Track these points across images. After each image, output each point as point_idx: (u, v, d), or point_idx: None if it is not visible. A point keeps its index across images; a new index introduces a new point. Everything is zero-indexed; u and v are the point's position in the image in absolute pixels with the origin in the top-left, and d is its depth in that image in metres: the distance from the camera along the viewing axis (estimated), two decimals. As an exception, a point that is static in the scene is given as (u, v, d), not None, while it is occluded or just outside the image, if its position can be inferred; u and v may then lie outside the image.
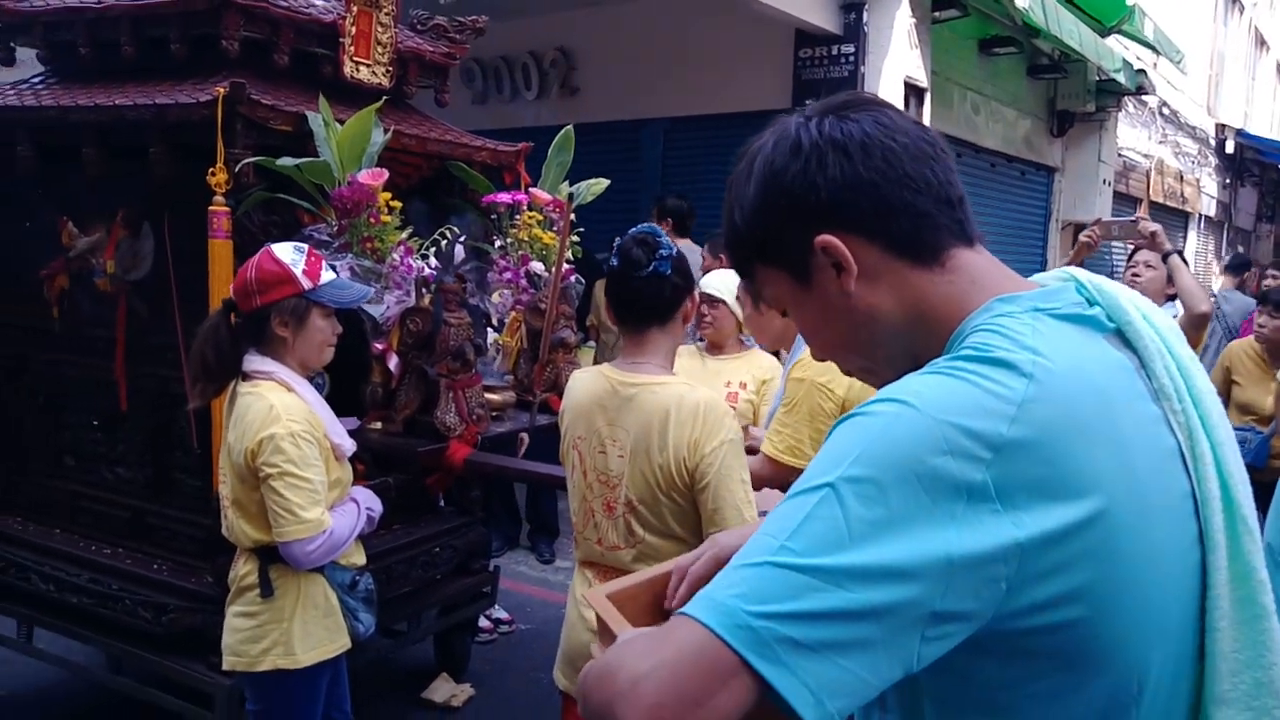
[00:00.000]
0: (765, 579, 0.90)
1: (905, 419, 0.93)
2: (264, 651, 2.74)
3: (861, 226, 1.09)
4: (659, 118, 9.26)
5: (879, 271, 1.10)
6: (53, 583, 3.60)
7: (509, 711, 4.30)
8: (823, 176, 1.09)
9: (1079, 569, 0.93)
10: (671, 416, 2.37)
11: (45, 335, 3.80)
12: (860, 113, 1.12)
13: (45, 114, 3.41)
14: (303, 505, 2.62)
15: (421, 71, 4.01)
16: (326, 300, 2.74)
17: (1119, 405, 1.00)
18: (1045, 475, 0.92)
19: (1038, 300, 1.06)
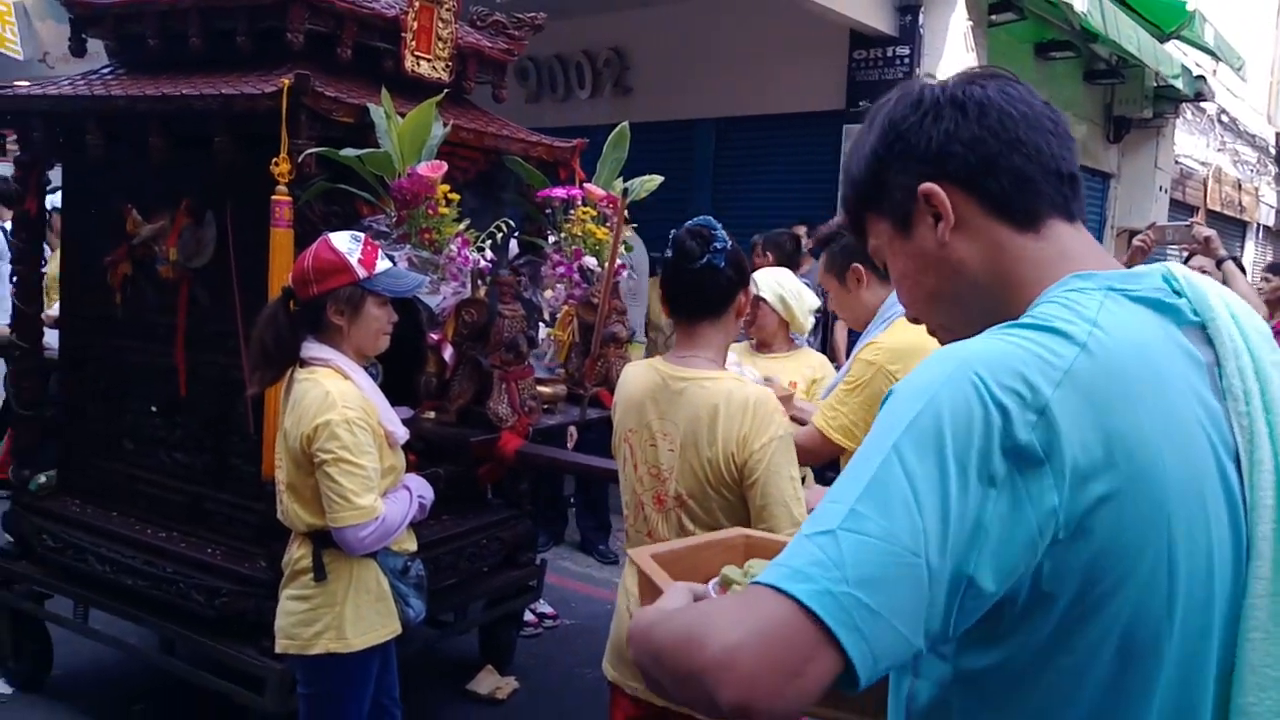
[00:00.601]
0: (839, 546, 0.92)
1: (957, 382, 0.96)
2: (316, 635, 2.77)
3: (964, 180, 1.14)
4: (711, 117, 9.26)
5: (975, 227, 1.15)
6: (109, 565, 3.66)
7: (553, 705, 4.32)
8: (936, 128, 1.15)
9: (1099, 543, 0.95)
10: (721, 411, 2.37)
11: (108, 322, 3.87)
12: (988, 81, 1.17)
13: (114, 103, 3.47)
14: (356, 491, 2.65)
15: (480, 67, 4.04)
16: (381, 289, 2.77)
17: (1173, 392, 1.01)
18: (1084, 441, 0.94)
19: (1115, 280, 1.08)
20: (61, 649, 4.21)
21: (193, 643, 3.52)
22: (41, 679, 4.16)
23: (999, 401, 0.94)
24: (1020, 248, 1.14)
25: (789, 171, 8.85)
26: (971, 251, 1.15)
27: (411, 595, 2.91)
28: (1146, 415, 0.97)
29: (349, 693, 2.85)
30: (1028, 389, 0.95)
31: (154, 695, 4.15)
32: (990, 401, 0.94)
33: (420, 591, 2.95)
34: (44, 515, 3.93)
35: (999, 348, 0.99)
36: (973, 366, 0.97)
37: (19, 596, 4.02)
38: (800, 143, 8.74)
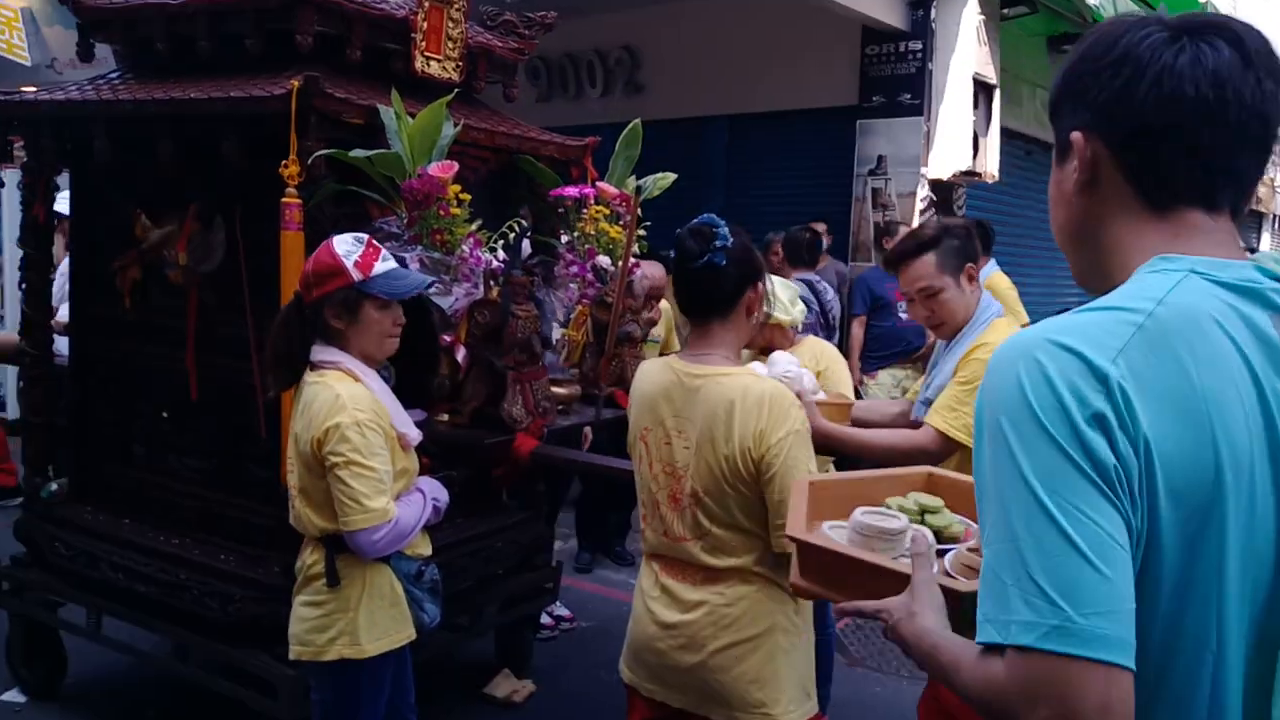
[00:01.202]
0: (1037, 584, 1.01)
1: (1031, 374, 1.04)
2: (330, 641, 2.74)
3: (1113, 143, 1.18)
4: (723, 115, 9.23)
5: (1107, 188, 1.20)
6: (122, 572, 3.63)
7: (570, 708, 4.29)
8: (1109, 83, 1.16)
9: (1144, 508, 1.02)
10: (737, 407, 2.34)
11: (118, 327, 3.85)
12: (1198, 42, 1.14)
13: (121, 108, 3.45)
14: (368, 494, 2.62)
15: (490, 67, 4.01)
16: (378, 291, 2.71)
17: (1224, 368, 1.04)
18: (1142, 408, 1.01)
19: (1199, 265, 1.11)
20: (75, 657, 4.19)
21: (206, 649, 3.50)
22: (55, 687, 4.15)
23: (1072, 385, 1.02)
24: (1138, 224, 1.18)
25: (802, 168, 8.80)
26: (1093, 209, 1.22)
27: (426, 600, 2.88)
28: (1201, 387, 1.02)
29: (363, 699, 2.82)
30: (1096, 362, 1.02)
31: (168, 702, 4.14)
32: (1065, 387, 1.02)
33: (435, 596, 2.92)
34: (56, 523, 3.90)
35: (1067, 324, 1.07)
36: (1039, 359, 1.04)
37: (32, 604, 3.99)
38: (813, 139, 8.69)
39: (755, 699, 2.35)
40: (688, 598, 2.42)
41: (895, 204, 8.09)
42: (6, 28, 8.92)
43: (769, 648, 2.36)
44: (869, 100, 8.22)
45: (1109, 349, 1.02)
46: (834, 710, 4.18)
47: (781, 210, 8.25)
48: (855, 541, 1.63)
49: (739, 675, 2.35)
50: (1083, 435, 1.00)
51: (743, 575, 2.37)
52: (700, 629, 2.38)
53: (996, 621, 1.03)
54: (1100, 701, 0.98)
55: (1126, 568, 1.00)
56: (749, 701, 2.35)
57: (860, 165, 8.28)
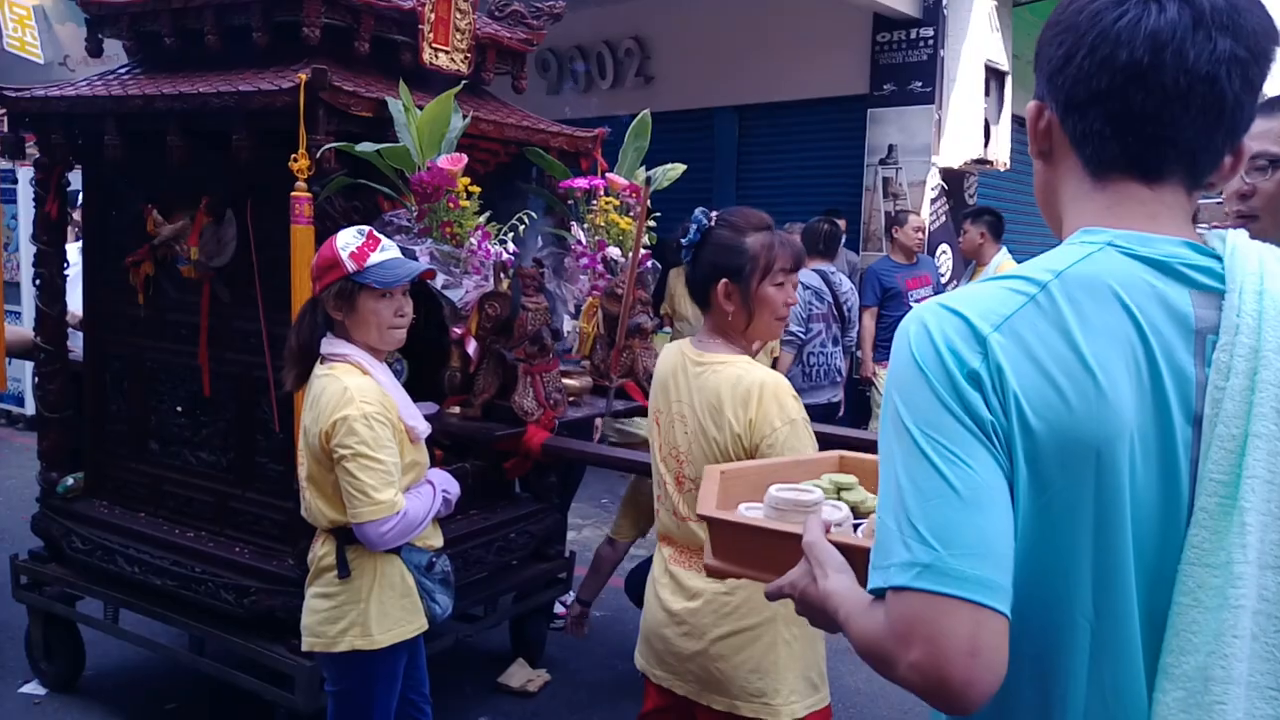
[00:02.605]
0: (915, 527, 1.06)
1: (919, 338, 1.08)
2: (341, 632, 2.76)
3: (1060, 112, 1.17)
4: (733, 105, 9.21)
5: (1058, 160, 1.21)
6: (138, 565, 3.66)
7: (585, 698, 4.30)
8: (1057, 50, 1.16)
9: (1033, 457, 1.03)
10: (726, 397, 2.35)
11: (131, 322, 3.87)
12: (1147, 3, 1.09)
13: (131, 103, 3.46)
14: (376, 486, 2.63)
15: (499, 58, 4.01)
16: (371, 281, 2.70)
17: (1124, 342, 1.04)
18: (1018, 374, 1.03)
19: (1120, 239, 1.10)
20: (93, 650, 4.22)
21: (223, 642, 3.52)
22: (74, 680, 4.18)
23: (950, 343, 1.05)
24: (1081, 195, 1.18)
25: (813, 158, 8.78)
26: (1049, 179, 1.23)
27: (438, 591, 2.89)
28: (1089, 357, 1.03)
29: (376, 689, 2.84)
30: (980, 326, 1.04)
31: (185, 695, 4.16)
32: (944, 344, 1.05)
33: (447, 587, 2.93)
34: (72, 517, 3.93)
35: (963, 294, 1.10)
36: (925, 321, 1.08)
37: (50, 599, 4.02)
38: (824, 128, 8.67)
39: (755, 688, 2.35)
40: (691, 585, 2.43)
41: (906, 193, 8.07)
42: (20, 26, 8.97)
43: (770, 638, 2.36)
44: (880, 89, 8.19)
45: (995, 316, 1.05)
46: (844, 699, 4.19)
47: (792, 200, 8.24)
48: (771, 517, 1.60)
49: (739, 664, 2.36)
50: (959, 388, 1.03)
51: None
52: (702, 616, 2.39)
53: (879, 568, 1.06)
54: (968, 643, 0.99)
55: (1003, 513, 1.03)
56: (749, 690, 2.35)
57: (871, 154, 8.26)
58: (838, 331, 6.14)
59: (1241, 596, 1.02)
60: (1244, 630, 1.03)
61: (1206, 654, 1.03)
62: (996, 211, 6.89)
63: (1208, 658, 1.03)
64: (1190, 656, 1.03)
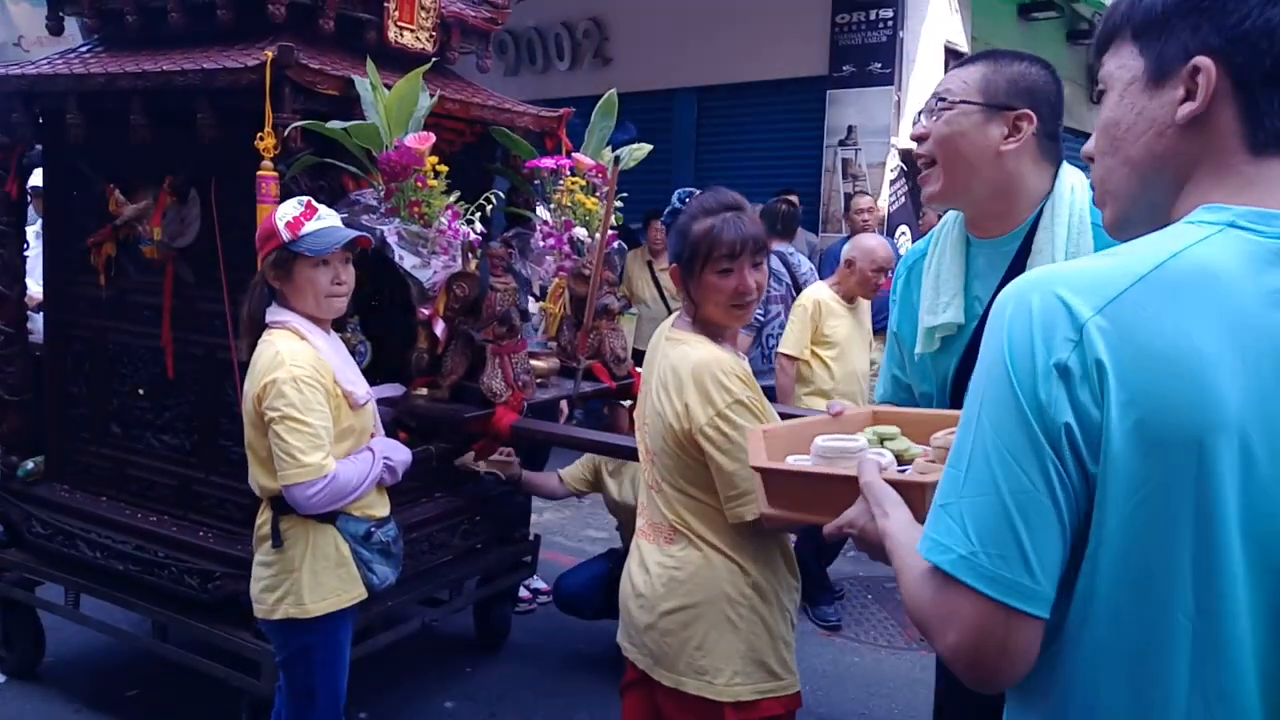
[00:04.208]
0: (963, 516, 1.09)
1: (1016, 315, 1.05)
2: (278, 601, 2.79)
3: (1241, 77, 1.06)
4: (692, 86, 9.19)
5: (1213, 127, 1.09)
6: (100, 550, 3.62)
7: (550, 682, 4.30)
8: (1260, 11, 1.05)
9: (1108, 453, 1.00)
10: (670, 376, 2.37)
11: (92, 304, 3.81)
12: None
13: (92, 81, 3.40)
14: (303, 449, 2.65)
15: (464, 37, 3.98)
16: (304, 249, 2.73)
17: (1240, 329, 0.99)
18: (1117, 359, 0.99)
19: (1244, 217, 1.05)
20: (53, 636, 4.16)
21: (186, 627, 3.49)
22: (33, 667, 4.12)
23: (1044, 331, 1.02)
24: (1227, 169, 1.09)
25: (772, 139, 8.80)
26: (1191, 148, 1.11)
27: (376, 561, 2.90)
28: (1199, 344, 0.99)
29: (314, 657, 2.86)
30: (1069, 313, 1.01)
31: (147, 680, 4.12)
32: (1041, 323, 1.02)
33: (387, 558, 2.94)
34: (33, 501, 3.87)
35: (1068, 269, 1.06)
36: (1034, 290, 1.04)
37: (9, 584, 3.96)
38: (783, 110, 8.69)
39: (698, 665, 2.35)
40: (649, 560, 2.44)
41: (865, 174, 8.11)
42: (-29, 6, 8.75)
43: (714, 616, 2.34)
44: (839, 70, 8.22)
45: (1099, 296, 1.01)
46: (812, 681, 4.23)
47: (752, 181, 8.24)
48: (820, 465, 1.66)
49: (684, 640, 2.35)
50: (1040, 390, 1.01)
51: (692, 541, 2.36)
52: (654, 589, 2.39)
53: (926, 537, 1.10)
54: (999, 643, 1.04)
55: (1049, 526, 1.02)
56: (693, 667, 2.35)
57: (830, 136, 8.29)
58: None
59: None
60: None
61: None
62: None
63: None
64: None
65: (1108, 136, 1.18)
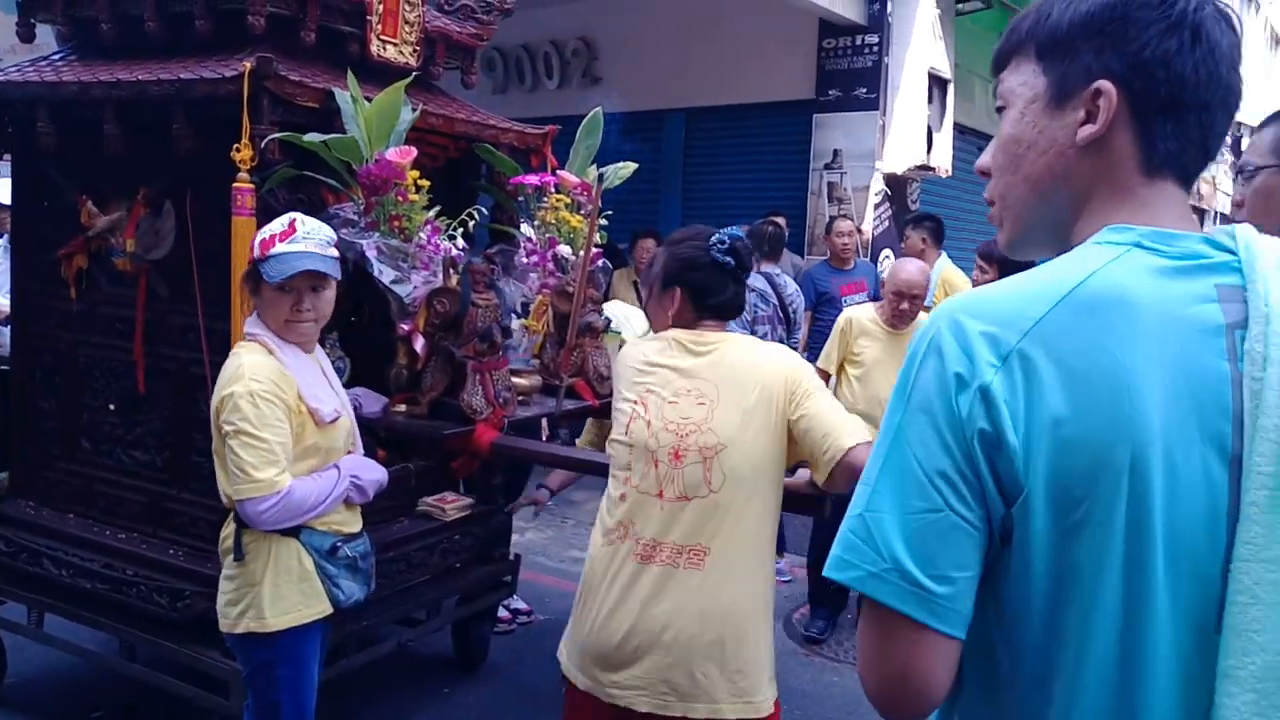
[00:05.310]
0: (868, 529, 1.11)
1: (940, 337, 1.05)
2: (240, 615, 2.75)
3: (1141, 106, 1.09)
4: (681, 108, 9.20)
5: (1111, 151, 1.11)
6: (66, 568, 3.54)
7: (529, 703, 4.24)
8: (1159, 39, 1.08)
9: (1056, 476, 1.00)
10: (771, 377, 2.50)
11: (63, 316, 3.74)
12: (1220, 20, 1.09)
13: (65, 89, 3.34)
14: (255, 464, 2.61)
15: (448, 52, 3.94)
16: (264, 273, 2.68)
17: (1157, 347, 1.01)
18: (1042, 387, 1.00)
19: (1148, 237, 1.07)
20: (15, 657, 4.07)
21: (154, 646, 3.41)
22: (-4, 687, 4.03)
23: (967, 349, 1.02)
24: (1122, 191, 1.12)
25: (759, 161, 8.81)
26: (1089, 169, 1.13)
27: (342, 576, 2.84)
28: (1122, 366, 1.00)
29: (281, 672, 2.80)
30: (993, 338, 1.02)
31: (114, 702, 4.04)
32: (960, 351, 1.03)
33: (355, 573, 2.88)
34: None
35: (985, 295, 1.07)
36: (953, 317, 1.05)
37: (-29, 603, 3.87)
38: (770, 132, 8.70)
39: (739, 688, 2.43)
40: (675, 589, 2.46)
41: (850, 197, 8.11)
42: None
43: (754, 635, 2.46)
44: (825, 94, 8.23)
45: (1024, 320, 1.02)
46: (791, 700, 4.17)
47: (738, 203, 8.26)
48: None
49: (725, 665, 2.43)
50: (961, 414, 1.02)
51: (727, 557, 2.44)
52: (686, 622, 2.47)
53: (834, 555, 1.09)
54: (904, 662, 1.05)
55: (963, 547, 1.03)
56: (733, 691, 2.43)
57: (816, 159, 8.30)
58: (783, 334, 6.14)
59: None
60: None
61: (1276, 652, 1.00)
62: (937, 217, 6.95)
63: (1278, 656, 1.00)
64: (1256, 657, 1.00)
65: (1008, 154, 1.19)
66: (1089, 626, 1.02)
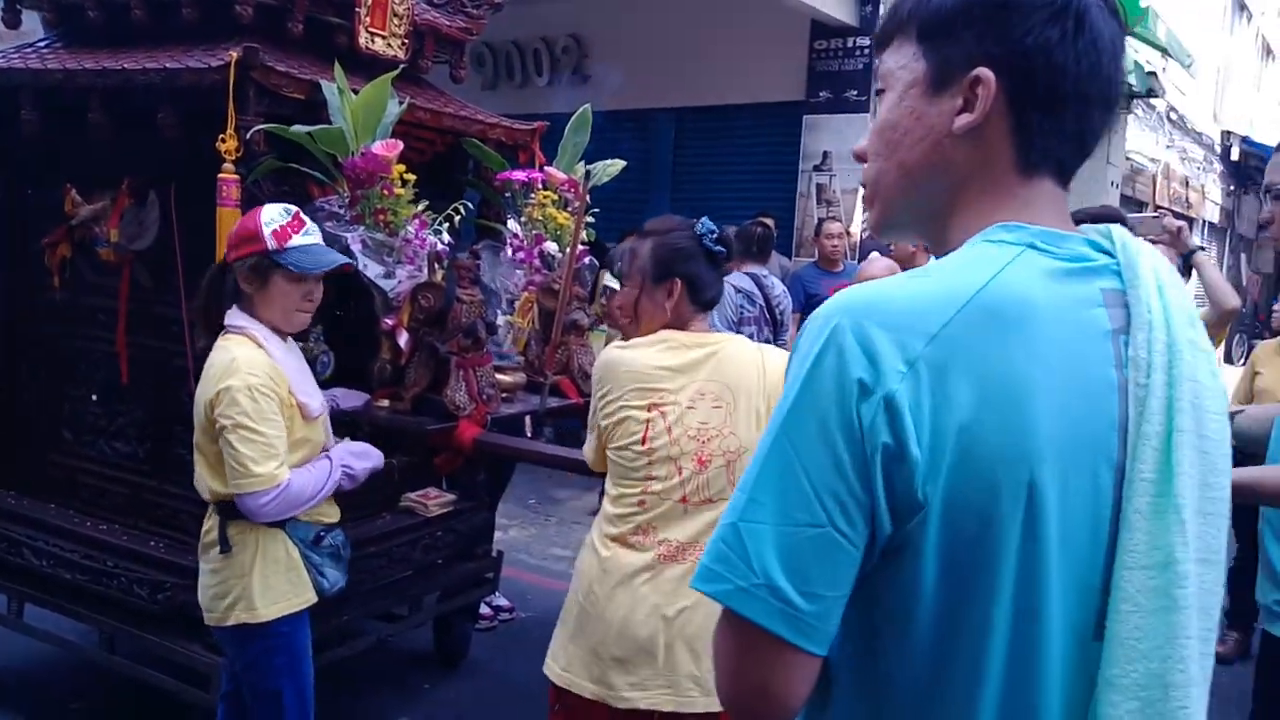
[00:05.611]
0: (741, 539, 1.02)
1: (835, 337, 0.97)
2: (229, 607, 2.75)
3: (1020, 96, 1.05)
4: (671, 107, 9.19)
5: (987, 141, 1.07)
6: (46, 558, 3.52)
7: (510, 700, 4.23)
8: (1044, 31, 1.03)
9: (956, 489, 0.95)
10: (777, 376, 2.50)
11: (45, 306, 3.72)
12: (1104, 10, 1.06)
13: (50, 77, 3.33)
14: (255, 459, 2.61)
15: (437, 45, 3.93)
16: (288, 264, 2.68)
17: (1053, 353, 0.98)
18: (949, 394, 0.94)
19: (1040, 238, 1.04)
20: (-6, 646, 4.05)
21: (135, 638, 3.40)
22: (-27, 678, 4.01)
23: (870, 354, 0.95)
24: (999, 185, 1.08)
25: (749, 162, 8.81)
26: (965, 159, 1.08)
27: (326, 565, 2.87)
28: (1021, 373, 0.96)
29: (279, 660, 2.81)
30: (898, 343, 0.95)
31: (93, 694, 4.02)
32: (863, 354, 0.95)
33: (338, 562, 2.91)
34: (-24, 508, 3.77)
35: (884, 296, 0.99)
36: (852, 318, 0.97)
37: (-51, 592, 3.85)
38: (761, 133, 8.70)
39: None
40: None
41: (840, 199, 8.12)
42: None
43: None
44: (816, 95, 8.24)
45: (930, 324, 0.96)
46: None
47: (728, 204, 8.24)
48: None
49: None
50: (860, 422, 0.94)
51: None
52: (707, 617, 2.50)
53: (702, 566, 1.01)
54: (764, 680, 1.00)
55: (841, 563, 0.97)
56: None
57: (805, 160, 8.30)
58: (769, 334, 6.14)
59: (1189, 596, 1.00)
60: (1194, 630, 1.01)
61: (1161, 659, 0.99)
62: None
63: (1163, 663, 0.99)
64: (1139, 664, 0.99)
65: (884, 138, 1.14)
66: (982, 639, 0.99)
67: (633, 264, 2.59)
